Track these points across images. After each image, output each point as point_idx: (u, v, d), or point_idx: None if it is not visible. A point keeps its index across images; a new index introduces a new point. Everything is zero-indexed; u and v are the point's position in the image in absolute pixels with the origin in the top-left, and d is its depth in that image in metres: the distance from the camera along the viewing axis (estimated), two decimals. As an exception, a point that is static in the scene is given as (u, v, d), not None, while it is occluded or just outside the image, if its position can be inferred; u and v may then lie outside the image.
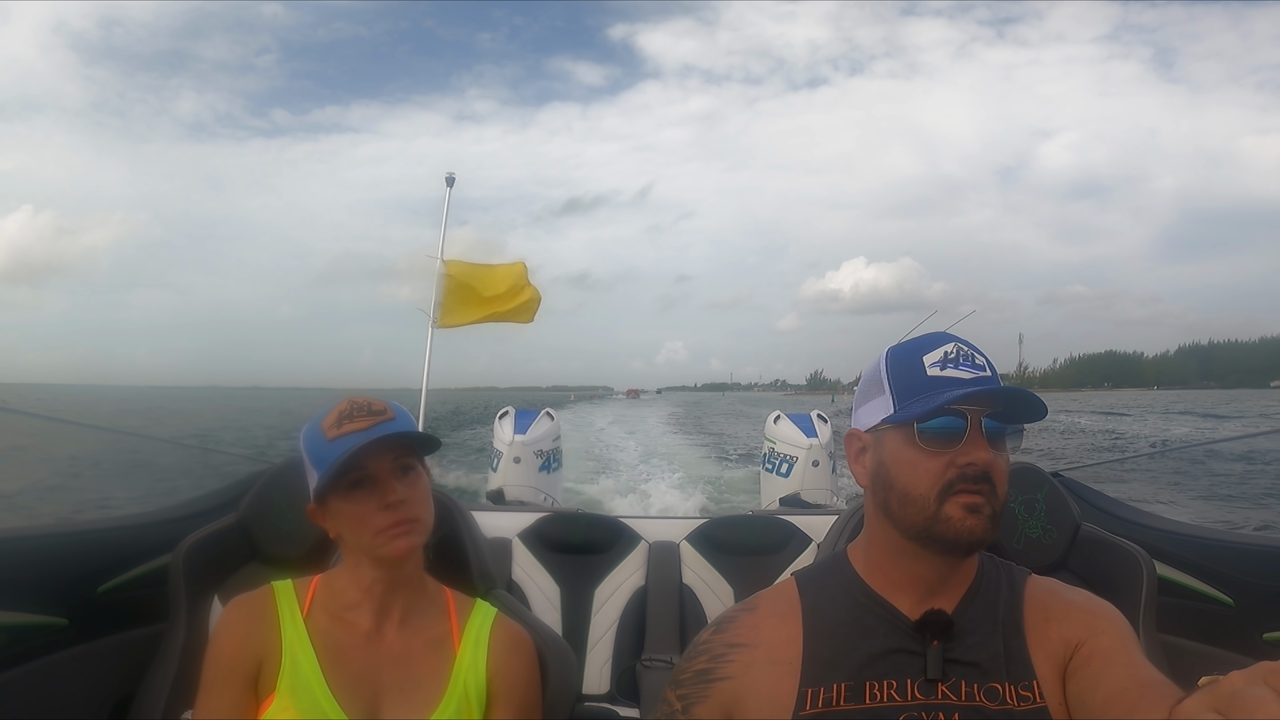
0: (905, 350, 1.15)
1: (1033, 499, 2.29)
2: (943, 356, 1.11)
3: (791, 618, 1.16)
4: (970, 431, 1.07)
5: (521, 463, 4.86)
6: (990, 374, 1.11)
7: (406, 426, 1.35)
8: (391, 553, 1.31)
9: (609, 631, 2.99)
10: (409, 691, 1.33)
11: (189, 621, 2.18)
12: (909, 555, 1.12)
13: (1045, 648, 1.09)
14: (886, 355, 1.17)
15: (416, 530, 1.33)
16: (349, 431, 1.30)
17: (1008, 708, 1.04)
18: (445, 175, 5.84)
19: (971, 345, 1.14)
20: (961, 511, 1.05)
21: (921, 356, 1.12)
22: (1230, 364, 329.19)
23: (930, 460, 1.07)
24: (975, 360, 1.11)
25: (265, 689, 1.30)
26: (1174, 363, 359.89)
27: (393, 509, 1.30)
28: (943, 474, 1.06)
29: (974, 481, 1.05)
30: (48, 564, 2.07)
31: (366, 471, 1.31)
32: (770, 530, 3.10)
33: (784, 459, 4.83)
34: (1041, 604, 1.14)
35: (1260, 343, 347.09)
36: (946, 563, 1.11)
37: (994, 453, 1.07)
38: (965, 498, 1.05)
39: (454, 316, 5.50)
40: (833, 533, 1.95)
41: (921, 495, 1.07)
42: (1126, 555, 2.10)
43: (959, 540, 1.05)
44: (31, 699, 1.93)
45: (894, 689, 1.06)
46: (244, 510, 2.37)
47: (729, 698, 1.12)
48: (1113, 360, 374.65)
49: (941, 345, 1.12)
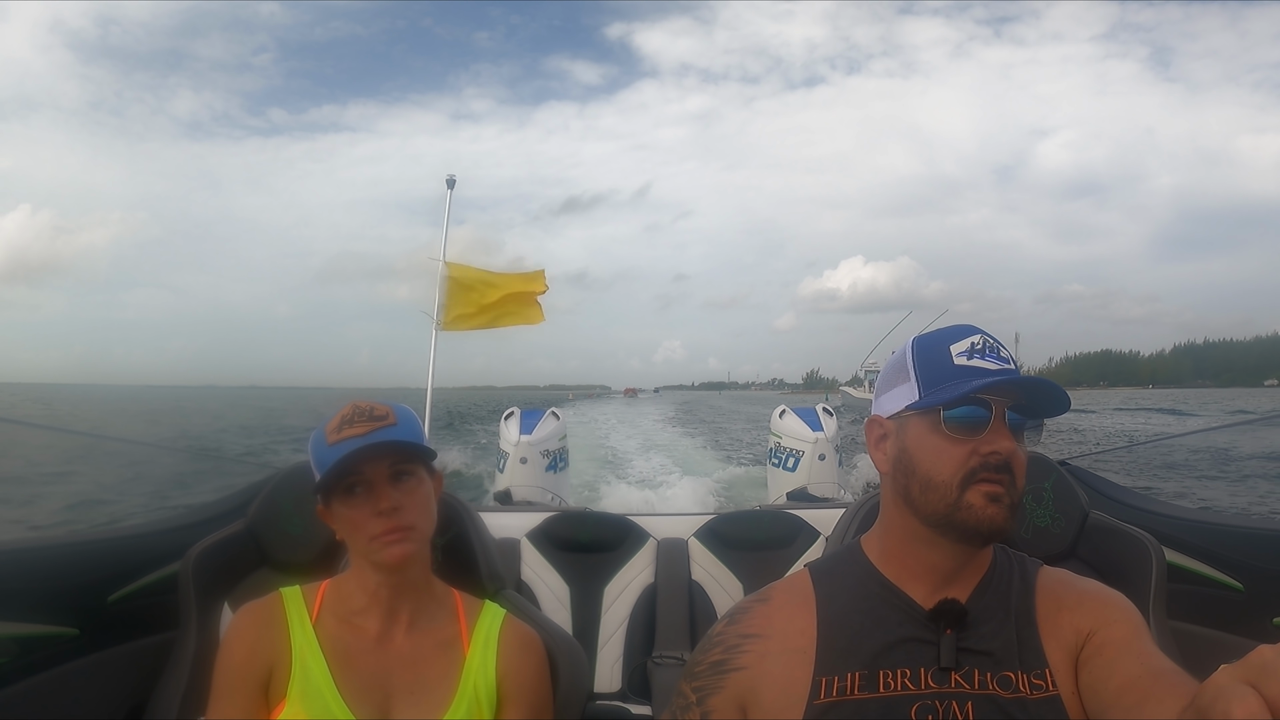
0: (932, 340, 1.16)
1: (1040, 488, 2.29)
2: (969, 347, 1.11)
3: (805, 607, 1.16)
4: (994, 421, 1.07)
5: (528, 463, 4.87)
6: (1014, 367, 1.11)
7: (406, 433, 1.35)
8: (384, 559, 1.31)
9: (619, 630, 2.99)
10: (419, 694, 1.33)
11: (199, 628, 2.19)
12: (926, 543, 1.12)
13: (1057, 637, 1.09)
14: (913, 344, 1.17)
15: (410, 538, 1.33)
16: (347, 437, 1.31)
17: (1020, 696, 1.04)
18: (446, 178, 5.84)
19: (996, 339, 1.14)
20: (983, 500, 1.05)
21: (948, 346, 1.12)
22: (1224, 363, 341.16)
23: (954, 447, 1.07)
24: (1000, 352, 1.12)
25: (276, 695, 1.30)
26: (1169, 362, 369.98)
27: (385, 516, 1.30)
28: (966, 461, 1.06)
29: (996, 471, 1.06)
30: (58, 574, 2.08)
31: (362, 477, 1.31)
32: (778, 525, 3.10)
33: (790, 453, 4.84)
34: (1053, 594, 1.14)
35: (1254, 342, 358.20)
36: (964, 551, 1.12)
37: (1015, 444, 1.08)
38: (987, 486, 1.06)
39: (458, 320, 5.49)
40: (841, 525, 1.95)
41: (944, 482, 1.07)
42: (1135, 542, 2.09)
43: (979, 528, 1.06)
44: (44, 709, 1.93)
45: (908, 677, 1.06)
46: (252, 516, 2.37)
47: (744, 688, 1.12)
48: (1108, 359, 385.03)
49: (968, 336, 1.13)
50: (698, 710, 1.15)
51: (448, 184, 5.81)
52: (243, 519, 2.39)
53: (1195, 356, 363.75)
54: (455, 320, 5.48)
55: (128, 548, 2.33)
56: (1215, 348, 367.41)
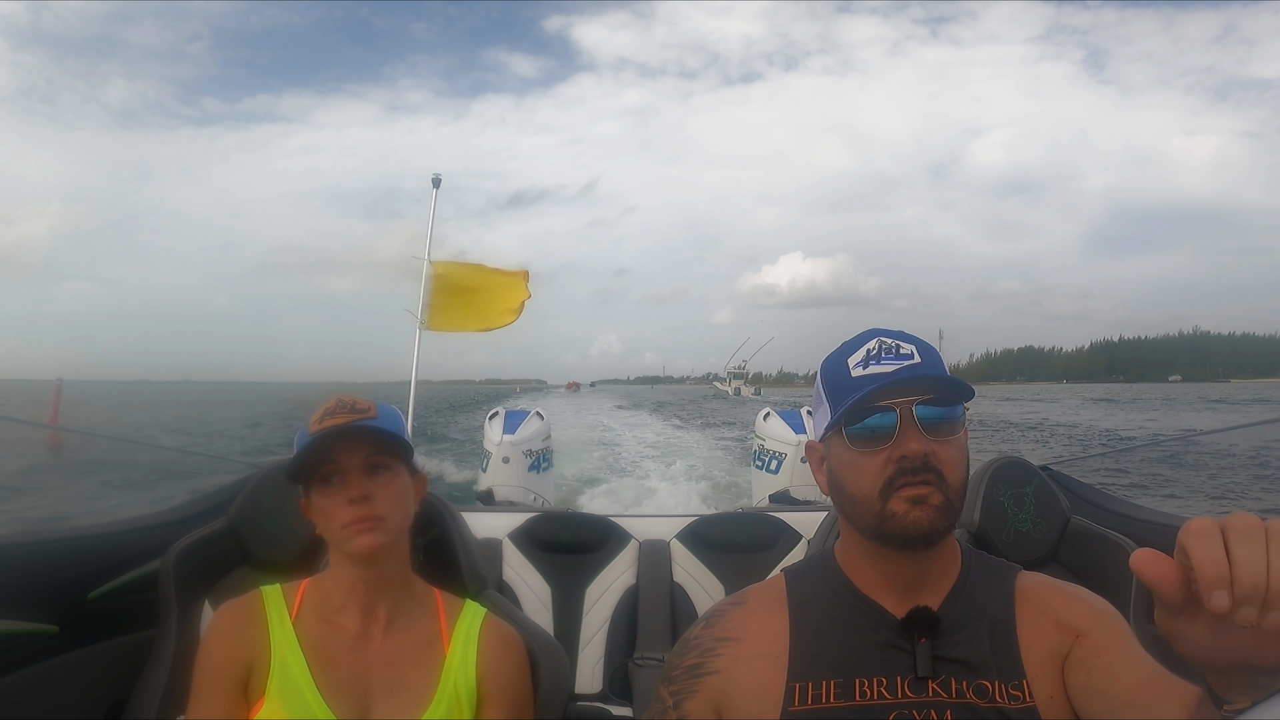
0: (835, 357, 1.15)
1: (1022, 493, 2.30)
2: (865, 355, 1.10)
3: (779, 612, 1.17)
4: (902, 424, 1.05)
5: (511, 463, 4.86)
6: (920, 360, 1.09)
7: (386, 426, 1.36)
8: (353, 548, 1.32)
9: (601, 631, 2.99)
10: (399, 692, 1.33)
11: (180, 626, 2.17)
12: (876, 555, 1.12)
13: (1039, 642, 1.08)
14: (821, 365, 1.17)
15: (380, 529, 1.33)
16: (327, 426, 1.33)
17: (998, 705, 1.04)
18: (431, 176, 5.79)
19: (900, 335, 1.13)
20: (905, 505, 1.04)
21: (846, 359, 1.12)
22: (1134, 359, 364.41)
23: (868, 460, 1.06)
24: (900, 350, 1.09)
25: (255, 693, 1.30)
26: (1085, 358, 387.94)
27: (356, 504, 1.31)
28: (882, 471, 1.05)
29: (914, 473, 1.04)
30: (37, 571, 2.06)
31: (338, 466, 1.33)
32: (760, 527, 3.11)
33: (774, 455, 4.85)
34: (1036, 598, 1.13)
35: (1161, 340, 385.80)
36: (914, 558, 1.10)
37: (933, 440, 1.05)
38: (908, 490, 1.04)
39: (443, 321, 5.47)
40: (823, 529, 1.96)
41: (865, 496, 1.07)
42: (1116, 547, 2.11)
43: (906, 534, 1.04)
44: (24, 706, 1.92)
45: (884, 686, 1.06)
46: (233, 514, 2.36)
47: (718, 692, 1.12)
48: (1027, 356, 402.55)
49: (865, 344, 1.12)
50: (674, 715, 1.15)
51: (433, 182, 5.76)
52: (224, 517, 2.38)
53: (1109, 353, 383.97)
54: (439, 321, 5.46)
55: (108, 545, 2.31)
56: (1127, 345, 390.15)
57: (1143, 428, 32.99)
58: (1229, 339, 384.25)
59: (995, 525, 2.25)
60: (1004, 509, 2.28)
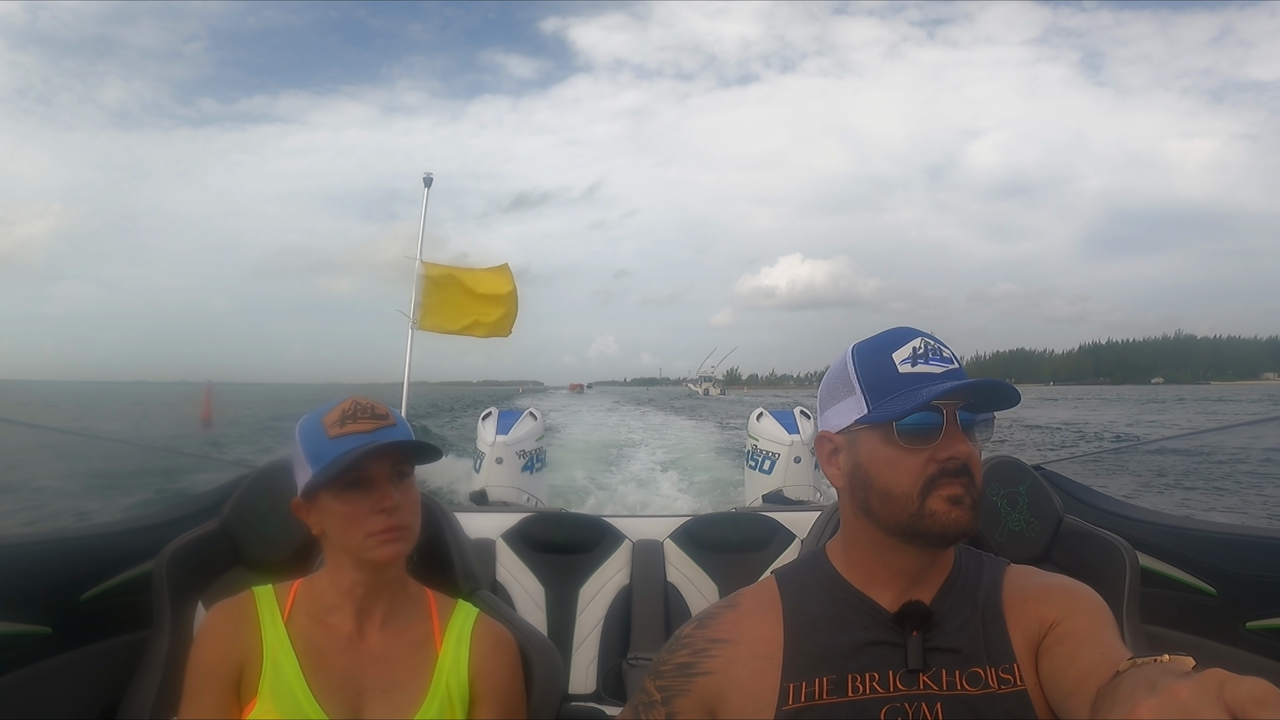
0: (872, 348, 1.14)
1: (1015, 492, 2.31)
2: (911, 353, 1.11)
3: (772, 614, 1.17)
4: (947, 425, 1.07)
5: (504, 463, 4.86)
6: (957, 365, 1.11)
7: (408, 434, 1.36)
8: (378, 557, 1.31)
9: (594, 631, 2.99)
10: (391, 692, 1.33)
11: (173, 627, 2.17)
12: (891, 550, 1.13)
13: (1023, 627, 1.10)
14: (853, 353, 1.16)
15: (405, 538, 1.33)
16: (351, 432, 1.31)
17: (990, 691, 1.05)
18: (423, 175, 5.79)
19: (936, 339, 1.14)
20: (945, 505, 1.06)
21: (890, 354, 1.11)
22: (1119, 362, 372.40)
23: (910, 457, 1.07)
24: (943, 354, 1.11)
25: (247, 693, 1.30)
26: (1073, 360, 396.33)
27: (386, 514, 1.31)
28: (924, 470, 1.06)
29: (955, 475, 1.06)
30: (30, 572, 2.06)
31: (365, 474, 1.31)
32: (754, 527, 3.11)
33: (767, 455, 4.85)
34: (1021, 587, 1.15)
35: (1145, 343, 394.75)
36: (929, 555, 1.12)
37: (970, 445, 1.08)
38: (948, 490, 1.06)
39: (435, 321, 5.48)
40: (816, 528, 1.96)
41: (904, 493, 1.07)
42: (1109, 547, 2.12)
43: (945, 532, 1.06)
44: (17, 708, 1.91)
45: (876, 681, 1.07)
46: (227, 515, 2.36)
47: (711, 693, 1.13)
48: (1017, 358, 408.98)
49: (909, 341, 1.12)
50: (662, 710, 1.16)
51: (425, 182, 5.76)
52: (217, 518, 2.37)
53: (1097, 356, 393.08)
54: (431, 321, 5.47)
55: (101, 546, 2.31)
56: (1113, 348, 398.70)
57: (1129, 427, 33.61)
58: (1213, 342, 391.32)
59: (989, 525, 2.26)
60: (997, 508, 2.29)
